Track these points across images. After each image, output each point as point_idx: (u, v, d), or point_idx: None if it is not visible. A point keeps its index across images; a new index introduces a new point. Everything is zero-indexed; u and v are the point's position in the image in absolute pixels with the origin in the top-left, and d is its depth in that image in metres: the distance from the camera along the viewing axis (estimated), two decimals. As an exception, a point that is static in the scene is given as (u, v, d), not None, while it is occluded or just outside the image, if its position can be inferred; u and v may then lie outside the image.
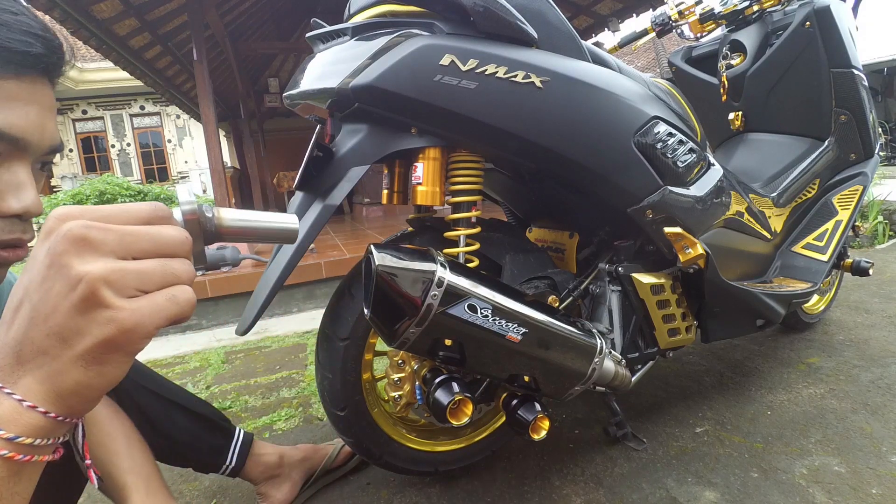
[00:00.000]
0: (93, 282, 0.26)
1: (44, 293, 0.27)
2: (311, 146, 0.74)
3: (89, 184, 8.28)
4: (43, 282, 0.27)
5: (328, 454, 1.12)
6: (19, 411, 0.27)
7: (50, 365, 0.27)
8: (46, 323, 0.27)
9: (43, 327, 0.27)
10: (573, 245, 1.12)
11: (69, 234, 0.27)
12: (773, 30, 1.58)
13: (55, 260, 0.27)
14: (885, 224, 3.14)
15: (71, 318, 0.27)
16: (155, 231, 0.29)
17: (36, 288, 0.27)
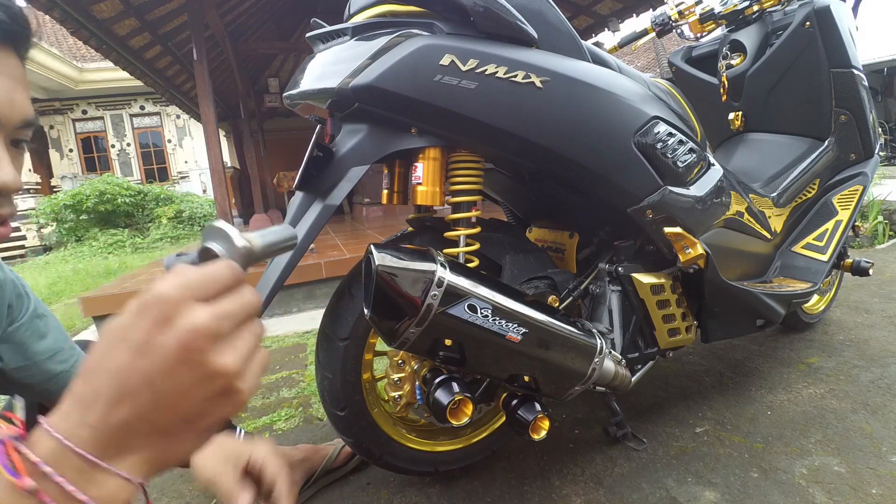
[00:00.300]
0: (231, 377, 0.29)
1: (174, 383, 0.28)
2: (311, 146, 0.74)
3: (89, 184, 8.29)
4: (171, 373, 0.27)
5: (328, 454, 1.12)
6: (119, 489, 0.28)
7: (166, 442, 0.29)
8: (175, 409, 0.28)
9: (169, 413, 0.28)
10: (573, 245, 1.12)
11: (206, 332, 0.28)
12: (773, 30, 1.58)
13: (191, 356, 0.27)
14: (885, 224, 3.14)
15: (201, 404, 0.29)
16: (243, 304, 0.31)
17: (162, 378, 0.27)
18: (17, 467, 0.26)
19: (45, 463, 0.26)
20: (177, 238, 8.11)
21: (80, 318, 2.85)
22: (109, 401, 0.27)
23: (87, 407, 0.27)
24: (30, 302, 0.67)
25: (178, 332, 0.27)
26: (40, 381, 0.66)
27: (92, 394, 0.28)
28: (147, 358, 0.27)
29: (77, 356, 0.70)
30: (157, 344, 0.27)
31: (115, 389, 0.27)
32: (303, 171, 0.75)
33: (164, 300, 0.28)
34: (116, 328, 0.28)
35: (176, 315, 0.27)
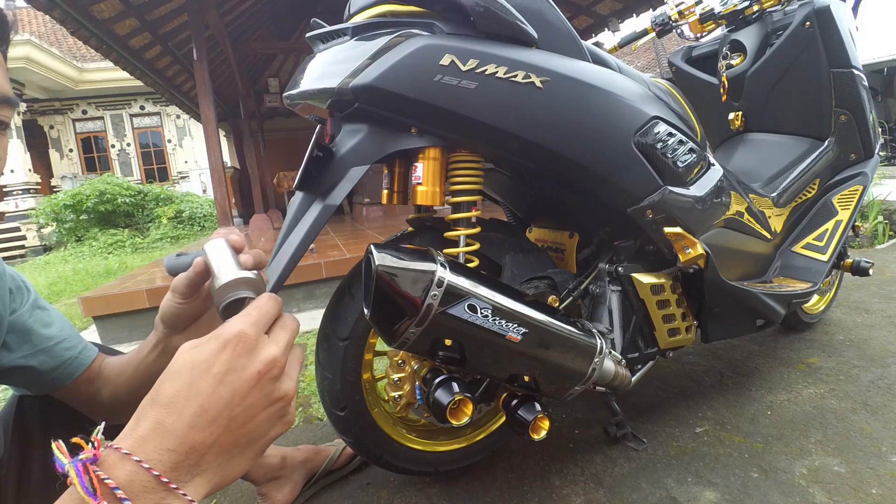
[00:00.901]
0: (290, 399, 0.35)
1: (247, 407, 0.32)
2: (311, 146, 0.74)
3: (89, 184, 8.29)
4: (247, 398, 0.32)
5: (329, 455, 1.12)
6: None
7: (229, 462, 0.32)
8: (241, 430, 0.32)
9: (237, 433, 0.32)
10: (573, 245, 1.12)
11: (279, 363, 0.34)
12: (773, 30, 1.58)
13: (264, 383, 0.33)
14: (885, 224, 3.14)
15: (263, 425, 0.34)
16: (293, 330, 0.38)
17: (239, 402, 0.32)
18: (96, 490, 0.27)
19: (120, 488, 0.28)
20: (177, 238, 8.11)
21: (80, 318, 2.85)
22: (190, 425, 0.30)
23: (167, 431, 0.30)
24: (30, 294, 0.68)
25: (258, 363, 0.33)
26: (49, 367, 0.66)
27: (173, 420, 0.30)
28: (228, 386, 0.32)
29: (84, 344, 0.71)
30: (239, 373, 0.32)
31: (196, 414, 0.30)
32: (303, 171, 0.75)
33: (244, 337, 0.33)
34: (198, 358, 0.32)
35: (255, 349, 0.33)
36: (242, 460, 0.33)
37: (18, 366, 0.64)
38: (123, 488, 0.28)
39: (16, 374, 0.65)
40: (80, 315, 2.72)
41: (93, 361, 0.70)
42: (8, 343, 0.63)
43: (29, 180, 9.67)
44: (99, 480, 0.28)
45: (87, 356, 0.70)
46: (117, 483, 0.28)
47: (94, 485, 0.28)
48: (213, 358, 0.32)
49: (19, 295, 0.66)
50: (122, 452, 0.29)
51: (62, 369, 0.67)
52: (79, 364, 0.68)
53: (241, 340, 0.33)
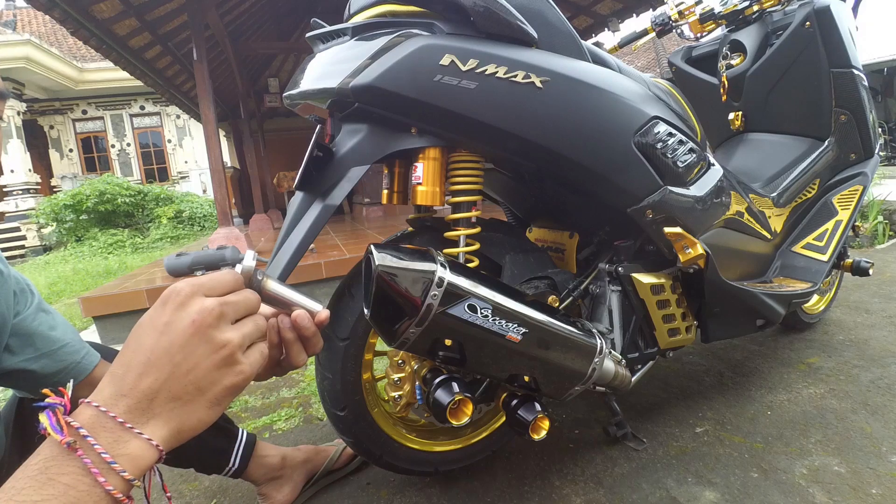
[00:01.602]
0: (233, 347, 0.37)
1: (187, 354, 0.35)
2: (311, 146, 0.74)
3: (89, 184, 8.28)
4: (186, 345, 0.35)
5: (330, 455, 1.12)
6: (143, 451, 0.33)
7: (182, 409, 0.35)
8: (187, 377, 0.35)
9: (183, 380, 0.35)
10: (573, 245, 1.12)
11: (211, 311, 0.36)
12: (773, 30, 1.58)
13: (200, 330, 0.35)
14: (885, 224, 3.14)
15: (210, 373, 0.36)
16: (244, 298, 0.39)
17: (178, 350, 0.35)
18: (62, 428, 0.32)
19: (83, 427, 0.32)
20: (177, 238, 8.11)
21: (81, 318, 2.85)
22: (138, 373, 0.34)
23: (119, 380, 0.34)
24: (34, 297, 0.68)
25: (191, 313, 0.35)
26: (51, 371, 0.66)
27: (123, 369, 0.34)
28: (167, 336, 0.35)
29: (86, 349, 0.71)
30: (175, 323, 0.35)
31: (142, 363, 0.34)
32: (303, 171, 0.75)
33: (178, 291, 0.36)
34: (144, 318, 0.36)
35: (189, 302, 0.36)
36: (198, 407, 0.36)
37: (21, 369, 0.64)
38: (86, 427, 0.32)
39: (18, 376, 0.65)
40: (80, 315, 2.72)
41: (95, 367, 0.70)
42: (11, 346, 0.63)
43: (29, 180, 9.66)
44: (66, 423, 0.32)
45: (89, 362, 0.70)
46: (80, 423, 0.32)
47: (62, 425, 0.32)
48: (154, 314, 0.36)
49: (23, 298, 0.66)
50: (85, 401, 0.33)
51: (64, 374, 0.67)
52: (81, 369, 0.69)
53: (176, 294, 0.36)
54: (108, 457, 0.31)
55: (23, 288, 0.67)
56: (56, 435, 0.31)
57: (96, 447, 0.31)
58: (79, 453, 0.31)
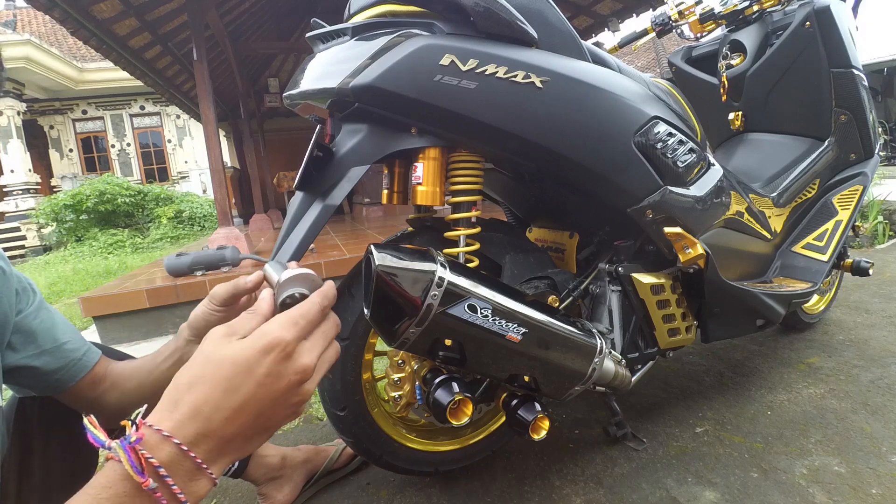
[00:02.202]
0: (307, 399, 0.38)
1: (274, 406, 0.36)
2: (311, 146, 0.74)
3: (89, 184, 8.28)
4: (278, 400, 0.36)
5: (330, 455, 1.12)
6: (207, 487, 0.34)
7: (246, 445, 0.36)
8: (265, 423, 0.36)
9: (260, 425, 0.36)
10: (573, 245, 1.12)
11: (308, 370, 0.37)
12: (773, 30, 1.58)
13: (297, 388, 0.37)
14: (885, 224, 3.14)
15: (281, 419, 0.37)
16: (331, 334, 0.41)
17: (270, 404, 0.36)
18: (143, 469, 0.31)
19: (163, 467, 0.32)
20: (177, 238, 8.11)
21: (80, 318, 2.85)
22: (225, 418, 0.34)
23: (205, 421, 0.33)
24: (35, 296, 0.68)
25: (293, 374, 0.36)
26: (53, 368, 0.66)
27: (211, 411, 0.33)
28: (265, 390, 0.35)
29: (87, 346, 0.71)
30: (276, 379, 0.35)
31: (233, 410, 0.34)
32: (303, 171, 0.75)
33: (285, 346, 0.36)
34: (240, 360, 0.35)
35: (292, 357, 0.36)
36: (256, 443, 0.37)
37: (23, 366, 0.64)
38: (165, 467, 0.32)
39: (20, 374, 0.65)
40: (80, 315, 2.72)
41: (96, 364, 0.70)
42: (13, 343, 0.63)
43: (29, 180, 9.66)
44: (145, 460, 0.31)
45: (90, 359, 0.70)
46: (160, 463, 0.32)
47: (141, 464, 0.31)
48: (254, 361, 0.35)
49: (25, 296, 0.67)
50: (164, 434, 0.32)
51: (65, 371, 0.67)
52: (82, 366, 0.69)
53: (282, 349, 0.36)
54: (183, 497, 0.32)
55: (24, 287, 0.67)
56: (138, 477, 0.31)
57: (174, 488, 0.32)
58: (157, 495, 0.31)
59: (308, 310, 0.39)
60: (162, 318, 2.59)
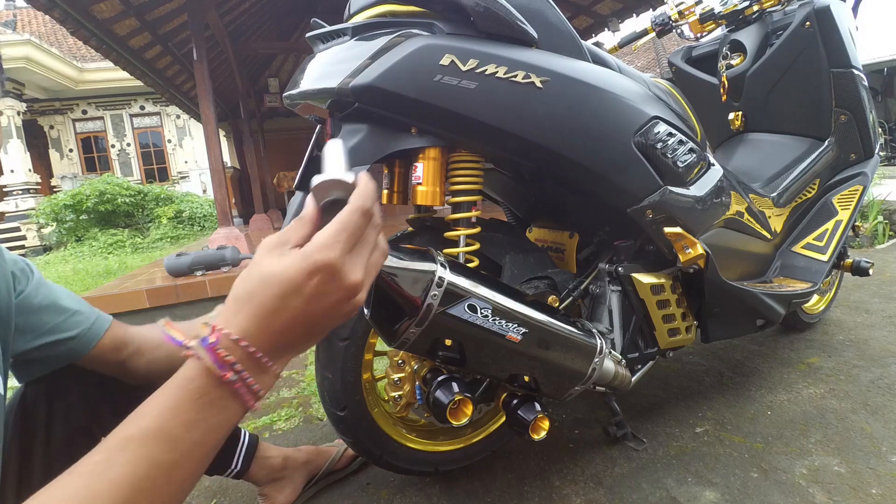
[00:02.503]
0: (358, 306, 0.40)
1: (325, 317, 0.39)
2: (311, 146, 0.74)
3: (89, 184, 8.28)
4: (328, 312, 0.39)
5: (331, 456, 1.12)
6: (272, 379, 0.39)
7: (300, 348, 0.40)
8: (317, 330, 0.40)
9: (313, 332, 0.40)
10: (573, 245, 1.12)
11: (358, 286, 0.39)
12: (773, 30, 1.58)
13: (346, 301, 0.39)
14: (885, 224, 3.14)
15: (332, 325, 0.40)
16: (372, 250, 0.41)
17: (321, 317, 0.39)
18: (221, 363, 0.36)
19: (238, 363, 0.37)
20: (177, 238, 8.11)
21: (80, 318, 2.84)
22: (281, 331, 0.38)
23: (263, 332, 0.37)
24: (34, 274, 0.70)
25: (342, 291, 0.38)
26: (65, 338, 0.69)
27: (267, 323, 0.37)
28: (315, 306, 0.38)
29: (97, 314, 0.73)
30: (326, 297, 0.38)
31: (285, 324, 0.38)
32: (303, 171, 0.75)
33: (333, 268, 0.37)
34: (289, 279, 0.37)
35: (340, 275, 0.38)
36: (314, 342, 0.41)
37: (34, 346, 0.67)
38: (241, 364, 0.37)
39: (34, 355, 0.67)
40: (80, 315, 2.72)
41: (109, 329, 0.73)
42: (19, 325, 0.65)
43: (29, 180, 9.66)
44: (222, 357, 0.36)
45: (101, 325, 0.72)
46: (235, 360, 0.36)
47: (219, 360, 0.36)
48: (300, 283, 0.37)
49: (24, 277, 0.68)
50: (233, 338, 0.37)
51: (79, 339, 0.70)
52: (94, 332, 0.71)
53: (327, 270, 0.37)
54: (257, 387, 0.38)
55: (22, 268, 0.68)
56: (219, 371, 0.36)
57: (249, 380, 0.37)
58: (236, 385, 0.37)
59: (348, 221, 0.39)
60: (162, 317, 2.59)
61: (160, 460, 0.34)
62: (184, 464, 0.36)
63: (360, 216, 0.40)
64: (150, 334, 0.77)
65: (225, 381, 0.36)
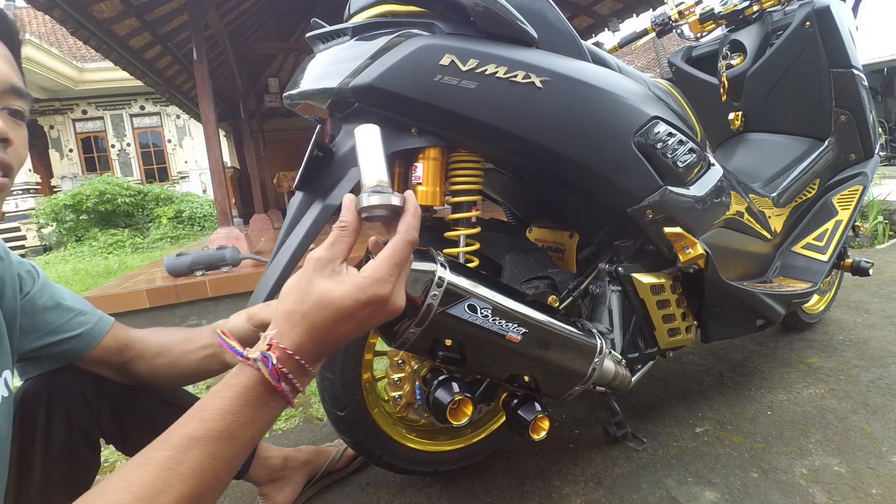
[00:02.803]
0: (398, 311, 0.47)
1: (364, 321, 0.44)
2: (311, 146, 0.74)
3: (89, 184, 8.28)
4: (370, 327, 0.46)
5: (331, 456, 1.12)
6: (310, 380, 0.46)
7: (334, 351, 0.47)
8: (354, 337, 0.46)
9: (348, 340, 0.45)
10: (573, 245, 1.12)
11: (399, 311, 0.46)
12: (773, 30, 1.58)
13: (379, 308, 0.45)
14: (885, 224, 3.14)
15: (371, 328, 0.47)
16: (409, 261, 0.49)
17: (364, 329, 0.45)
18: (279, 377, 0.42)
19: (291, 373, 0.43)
20: (177, 238, 8.11)
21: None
22: (330, 345, 0.44)
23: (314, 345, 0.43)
24: (39, 276, 0.71)
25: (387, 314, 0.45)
26: (68, 337, 0.70)
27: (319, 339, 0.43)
28: (362, 327, 0.45)
29: (99, 315, 0.75)
30: (372, 321, 0.45)
31: (334, 341, 0.44)
32: (303, 171, 0.75)
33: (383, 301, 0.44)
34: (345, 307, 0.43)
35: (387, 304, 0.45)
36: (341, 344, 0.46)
37: (40, 345, 0.68)
38: (292, 373, 0.43)
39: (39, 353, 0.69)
40: (80, 315, 2.72)
41: (110, 330, 0.74)
42: (24, 326, 0.66)
43: (29, 180, 9.67)
44: (279, 371, 0.42)
45: (103, 326, 0.74)
46: (289, 370, 0.42)
47: (277, 374, 0.42)
48: (357, 310, 0.43)
49: (30, 278, 0.69)
50: (288, 353, 0.42)
51: (81, 339, 0.71)
52: (97, 333, 0.73)
53: (379, 300, 0.44)
54: (300, 387, 0.44)
55: (28, 269, 0.70)
56: (276, 383, 0.42)
57: (296, 384, 0.43)
58: (287, 392, 0.43)
59: (399, 256, 0.45)
60: (162, 318, 2.59)
61: (223, 456, 0.40)
62: (240, 457, 0.42)
63: (409, 249, 0.46)
64: (153, 339, 0.77)
65: (279, 390, 0.42)
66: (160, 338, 0.77)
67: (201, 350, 0.73)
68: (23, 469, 0.68)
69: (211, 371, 0.76)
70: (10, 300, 0.64)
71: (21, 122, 0.56)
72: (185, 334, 0.77)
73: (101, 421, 0.76)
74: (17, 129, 0.55)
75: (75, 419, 0.73)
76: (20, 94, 0.55)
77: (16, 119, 0.55)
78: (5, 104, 0.53)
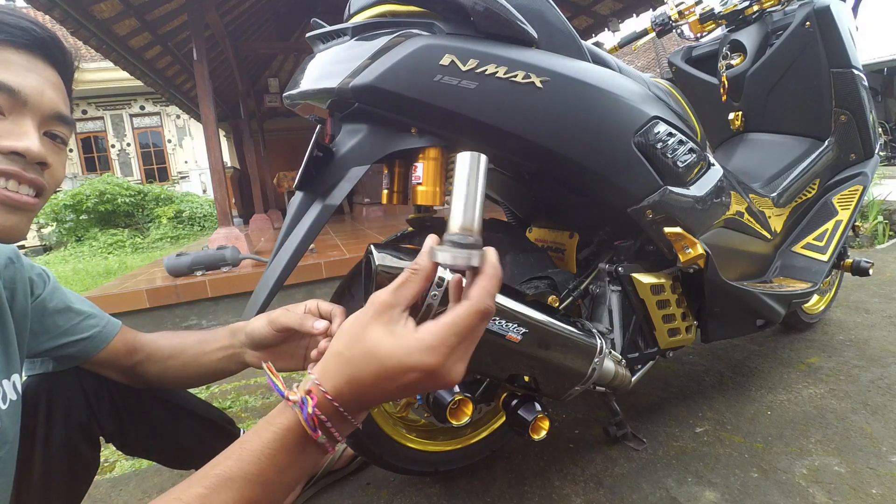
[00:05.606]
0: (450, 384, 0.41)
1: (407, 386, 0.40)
2: (311, 146, 0.74)
3: (89, 184, 8.28)
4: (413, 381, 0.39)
5: (331, 456, 1.12)
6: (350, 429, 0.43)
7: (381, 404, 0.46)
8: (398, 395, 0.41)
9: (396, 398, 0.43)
10: (573, 245, 1.12)
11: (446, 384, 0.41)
12: (773, 30, 1.58)
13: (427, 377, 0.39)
14: (885, 224, 3.14)
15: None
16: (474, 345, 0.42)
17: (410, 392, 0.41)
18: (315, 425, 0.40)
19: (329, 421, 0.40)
20: (177, 238, 8.11)
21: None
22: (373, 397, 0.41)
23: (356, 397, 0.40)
24: (49, 279, 0.73)
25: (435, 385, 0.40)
26: (76, 339, 0.71)
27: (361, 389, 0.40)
28: (406, 392, 0.40)
29: (107, 319, 0.76)
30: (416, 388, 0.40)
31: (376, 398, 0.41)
32: (303, 171, 0.75)
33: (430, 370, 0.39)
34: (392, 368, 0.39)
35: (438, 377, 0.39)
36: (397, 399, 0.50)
37: (50, 347, 0.69)
38: (331, 422, 0.40)
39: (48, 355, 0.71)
40: (80, 315, 2.72)
41: (118, 333, 0.75)
42: (34, 328, 0.67)
43: (29, 180, 9.64)
44: (317, 419, 0.40)
45: (111, 329, 0.75)
46: (327, 417, 0.40)
47: (314, 421, 0.39)
48: (399, 375, 0.39)
49: (41, 282, 0.70)
50: (329, 398, 0.40)
51: (89, 341, 0.72)
52: (105, 336, 0.73)
53: (428, 372, 0.39)
54: (338, 436, 0.41)
55: (39, 273, 0.71)
56: (312, 433, 0.39)
57: (334, 433, 0.41)
58: (327, 446, 0.41)
59: (463, 324, 0.39)
60: (162, 318, 2.59)
61: (257, 500, 0.38)
62: (276, 501, 0.40)
63: (478, 320, 0.39)
64: (164, 342, 0.78)
65: (316, 438, 0.40)
66: (171, 340, 0.78)
67: (219, 351, 0.74)
68: (23, 466, 0.68)
69: (229, 371, 0.77)
70: (21, 303, 0.65)
71: (63, 146, 0.57)
72: (199, 336, 0.77)
73: (101, 419, 0.77)
74: (57, 152, 0.56)
75: (75, 417, 0.73)
76: (65, 122, 0.56)
77: (57, 143, 0.56)
78: (49, 129, 0.54)
